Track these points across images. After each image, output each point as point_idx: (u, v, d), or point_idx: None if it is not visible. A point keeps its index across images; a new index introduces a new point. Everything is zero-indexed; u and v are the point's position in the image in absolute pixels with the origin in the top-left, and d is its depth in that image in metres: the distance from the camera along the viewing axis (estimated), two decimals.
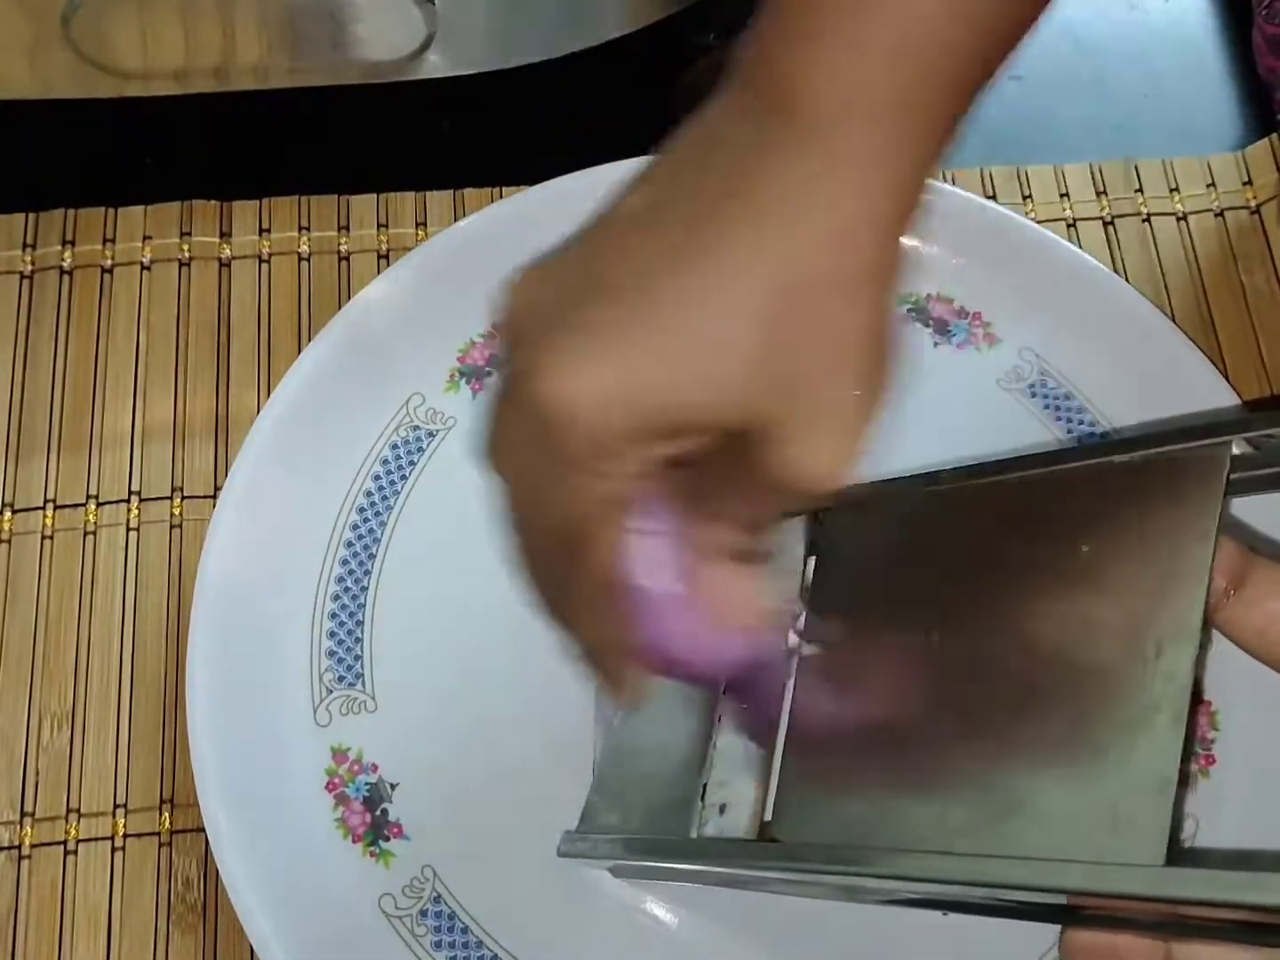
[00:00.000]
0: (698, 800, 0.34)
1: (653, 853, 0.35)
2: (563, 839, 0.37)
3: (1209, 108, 0.53)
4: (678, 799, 0.35)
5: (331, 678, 0.40)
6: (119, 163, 0.49)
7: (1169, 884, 0.23)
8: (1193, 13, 0.55)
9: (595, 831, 0.37)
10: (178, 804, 0.40)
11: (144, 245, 0.47)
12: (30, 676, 0.41)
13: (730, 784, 0.34)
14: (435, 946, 0.38)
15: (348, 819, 0.39)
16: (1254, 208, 0.50)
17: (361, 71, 0.47)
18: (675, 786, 0.35)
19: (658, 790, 0.36)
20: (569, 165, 0.45)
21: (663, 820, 0.35)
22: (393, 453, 0.43)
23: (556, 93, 0.50)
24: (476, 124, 0.51)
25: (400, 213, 0.48)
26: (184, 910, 0.39)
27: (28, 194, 0.48)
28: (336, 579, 0.41)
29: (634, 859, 0.36)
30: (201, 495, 0.44)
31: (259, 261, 0.47)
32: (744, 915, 0.38)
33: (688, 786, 0.35)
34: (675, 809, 0.35)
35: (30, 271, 0.47)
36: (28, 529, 0.43)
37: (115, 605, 0.42)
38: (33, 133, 0.48)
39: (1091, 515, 0.30)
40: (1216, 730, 0.41)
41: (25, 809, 0.40)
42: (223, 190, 0.48)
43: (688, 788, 0.35)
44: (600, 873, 0.38)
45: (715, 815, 0.34)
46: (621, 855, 0.36)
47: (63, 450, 0.44)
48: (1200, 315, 0.48)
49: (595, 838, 0.36)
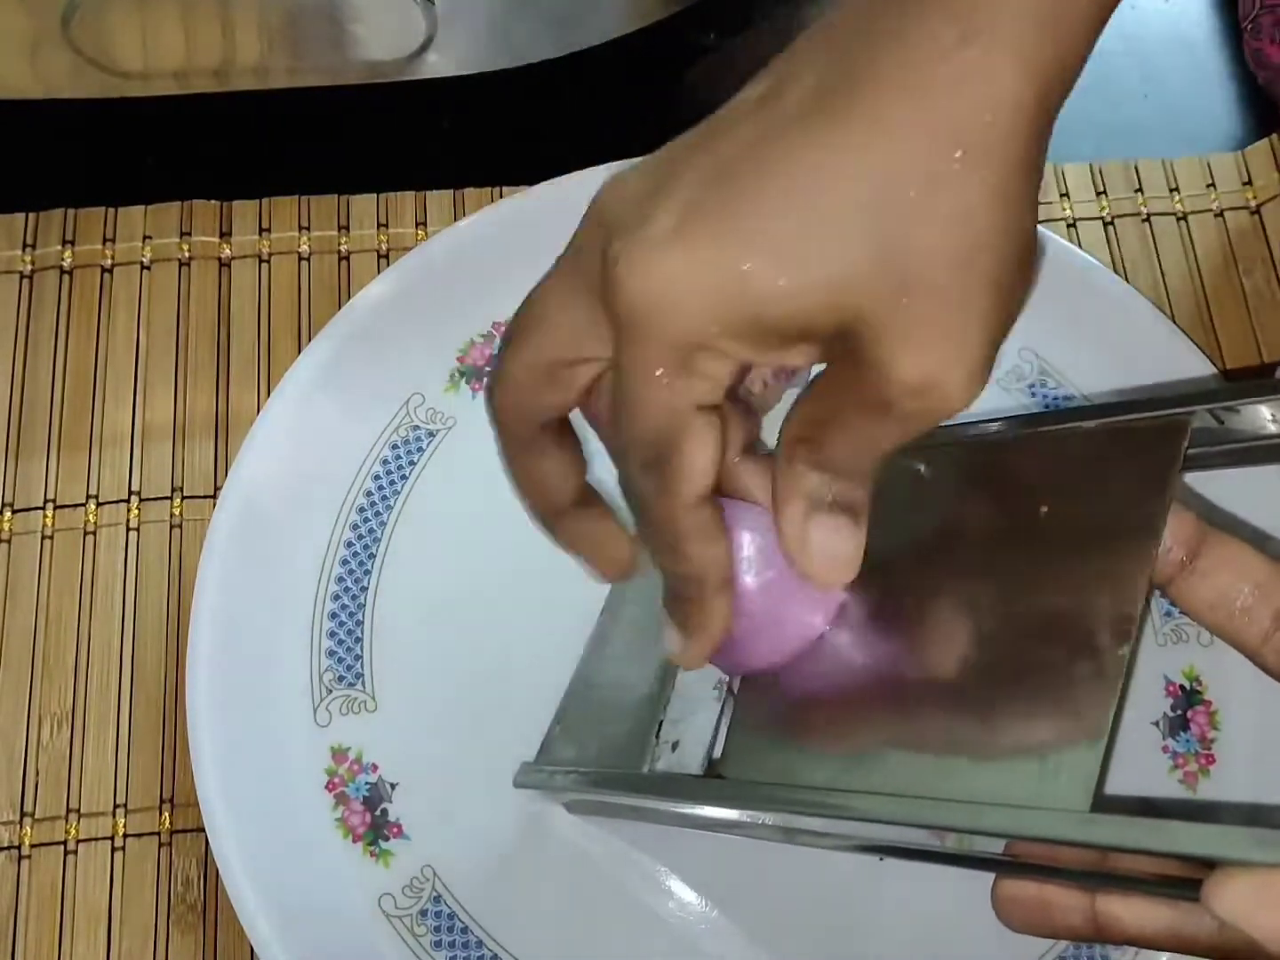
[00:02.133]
0: (653, 737, 0.34)
1: (603, 785, 0.35)
2: (519, 770, 0.38)
3: (1209, 108, 0.53)
4: (634, 735, 0.35)
5: (331, 678, 0.40)
6: (119, 163, 0.49)
7: (1087, 830, 0.24)
8: (1192, 13, 0.55)
9: (552, 764, 0.37)
10: (178, 804, 0.40)
11: (144, 245, 0.47)
12: (30, 676, 0.41)
13: (684, 721, 0.34)
14: (435, 946, 0.38)
15: (348, 819, 0.39)
16: (1254, 208, 0.50)
17: (361, 71, 0.47)
18: (633, 722, 0.35)
19: (616, 725, 0.37)
20: (569, 165, 0.45)
21: (618, 755, 0.35)
22: (392, 453, 0.43)
23: (556, 93, 0.50)
24: (476, 124, 0.51)
25: (400, 213, 0.48)
26: (184, 910, 0.39)
27: (28, 194, 0.48)
28: (336, 579, 0.41)
29: (585, 792, 0.36)
30: (201, 495, 0.44)
31: (259, 261, 0.47)
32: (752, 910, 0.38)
33: (645, 723, 0.35)
34: (630, 745, 0.35)
35: (30, 271, 0.47)
36: (28, 529, 0.43)
37: (115, 605, 0.42)
38: (33, 133, 0.48)
39: (1054, 479, 0.31)
40: (1216, 730, 0.41)
41: (25, 809, 0.40)
42: (223, 190, 0.48)
43: (645, 724, 0.35)
44: (600, 873, 0.38)
45: (668, 752, 0.34)
46: (573, 788, 0.36)
47: (63, 450, 0.44)
48: (1200, 315, 0.48)
49: (550, 769, 0.37)
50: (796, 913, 0.39)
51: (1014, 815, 0.25)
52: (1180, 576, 0.29)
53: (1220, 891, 0.22)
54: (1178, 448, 0.28)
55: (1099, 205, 0.50)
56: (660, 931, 0.38)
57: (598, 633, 0.40)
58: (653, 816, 0.37)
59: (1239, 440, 0.30)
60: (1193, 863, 0.23)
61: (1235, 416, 0.29)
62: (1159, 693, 0.42)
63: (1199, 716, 0.41)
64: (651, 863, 0.39)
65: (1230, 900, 0.22)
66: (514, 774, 0.38)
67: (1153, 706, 0.42)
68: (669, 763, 0.34)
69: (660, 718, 0.35)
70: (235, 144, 0.50)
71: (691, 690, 0.35)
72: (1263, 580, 0.28)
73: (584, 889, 0.39)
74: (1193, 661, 0.42)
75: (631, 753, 0.35)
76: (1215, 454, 0.30)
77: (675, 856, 0.39)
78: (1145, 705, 0.42)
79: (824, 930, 0.39)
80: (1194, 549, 0.29)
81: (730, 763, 0.32)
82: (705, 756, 0.34)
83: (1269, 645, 0.28)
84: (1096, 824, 0.23)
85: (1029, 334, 0.46)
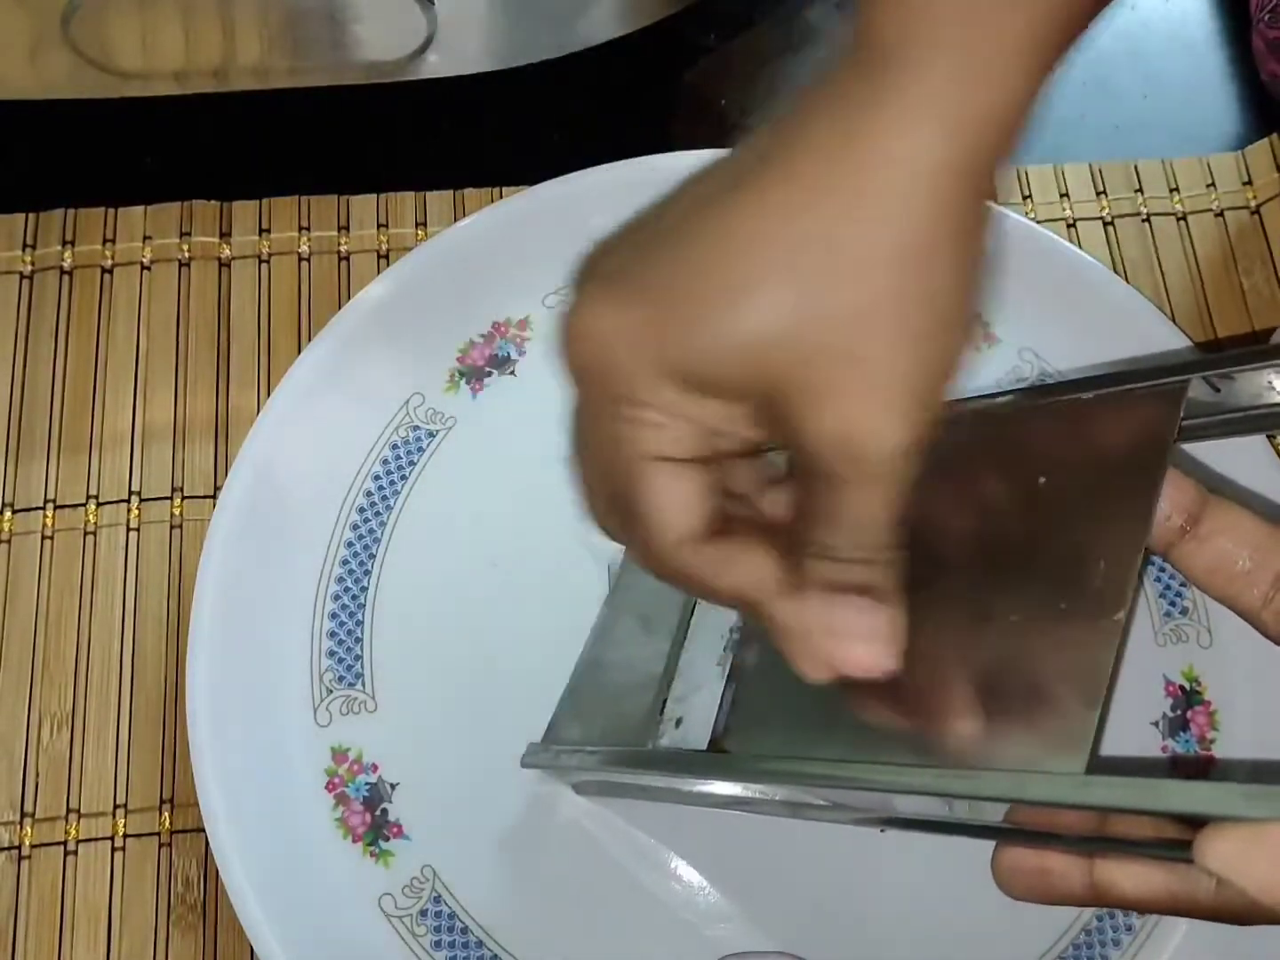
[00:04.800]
0: (657, 714, 0.35)
1: (608, 763, 0.35)
2: (526, 750, 0.38)
3: (1209, 108, 0.53)
4: (639, 713, 0.35)
5: (331, 678, 0.40)
6: (119, 163, 0.49)
7: (1082, 792, 0.24)
8: (1193, 13, 0.55)
9: (558, 743, 0.37)
10: (178, 804, 0.40)
11: (144, 245, 0.47)
12: (30, 677, 0.41)
13: (688, 699, 0.35)
14: (435, 946, 0.38)
15: (348, 819, 0.39)
16: (1254, 208, 0.50)
17: (361, 71, 0.47)
18: (638, 701, 0.36)
19: (621, 704, 0.37)
20: (569, 165, 0.45)
21: (623, 734, 0.36)
22: (392, 453, 0.43)
23: (556, 93, 0.50)
24: (476, 124, 0.51)
25: (400, 213, 0.48)
26: (184, 910, 0.39)
27: (28, 194, 0.48)
28: (336, 579, 0.41)
29: (592, 771, 0.37)
30: (201, 495, 0.44)
31: (259, 261, 0.47)
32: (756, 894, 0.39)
33: (650, 701, 0.35)
34: (636, 723, 0.35)
35: (30, 271, 0.47)
36: (28, 529, 0.43)
37: (115, 605, 0.42)
38: (33, 133, 0.48)
39: (1051, 450, 0.31)
40: (1216, 730, 0.41)
41: (25, 809, 0.40)
42: (223, 190, 0.48)
43: (650, 702, 0.35)
44: (600, 873, 0.38)
45: (671, 729, 0.35)
46: (580, 766, 0.37)
47: (63, 450, 0.44)
48: (1200, 315, 0.48)
49: (557, 748, 0.37)
50: (802, 898, 0.39)
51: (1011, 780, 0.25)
52: (1180, 542, 0.29)
53: (1211, 846, 0.22)
54: (1174, 416, 0.29)
55: (1099, 205, 0.50)
56: (660, 929, 0.38)
57: (602, 618, 0.40)
58: (659, 795, 0.37)
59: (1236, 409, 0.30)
60: (1187, 823, 0.24)
61: (1231, 385, 0.29)
62: (1159, 693, 0.42)
63: (1199, 716, 0.41)
64: (651, 859, 0.39)
65: (1221, 854, 0.22)
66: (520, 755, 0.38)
67: (1153, 706, 0.42)
68: (673, 739, 0.34)
69: (664, 695, 0.35)
70: (235, 144, 0.50)
71: (695, 668, 0.35)
72: (1261, 544, 0.29)
73: (584, 889, 0.39)
74: (1192, 661, 0.42)
75: (636, 730, 0.35)
76: (1212, 424, 0.30)
77: (679, 850, 0.39)
78: (1145, 705, 0.42)
79: (828, 914, 0.39)
80: (1194, 514, 0.29)
81: (734, 737, 0.32)
82: (709, 732, 0.34)
83: (1269, 609, 0.29)
84: (1092, 786, 0.24)
85: (1029, 335, 0.46)
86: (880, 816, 0.34)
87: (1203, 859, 0.22)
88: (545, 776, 0.39)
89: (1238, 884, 0.22)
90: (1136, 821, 0.26)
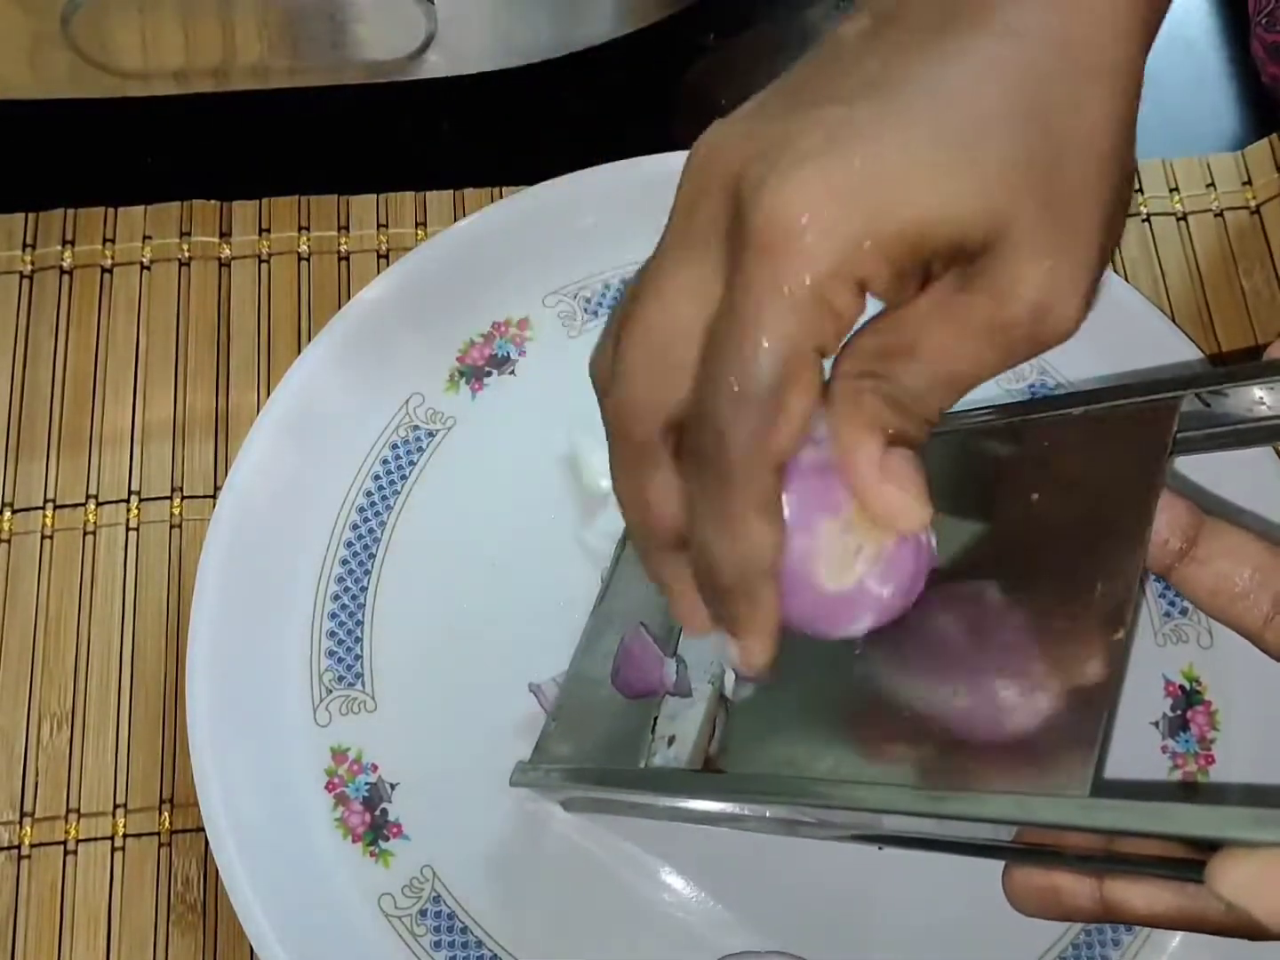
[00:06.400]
0: (648, 732, 0.34)
1: (599, 783, 0.35)
2: (515, 769, 0.38)
3: (1209, 108, 0.53)
4: (629, 731, 0.35)
5: (331, 678, 0.40)
6: (119, 163, 0.49)
7: (1089, 814, 0.24)
8: (1193, 14, 0.55)
9: (548, 762, 0.37)
10: (178, 804, 0.40)
11: (144, 245, 0.47)
12: (30, 676, 0.41)
13: (680, 717, 0.34)
14: (435, 946, 0.38)
15: (347, 819, 0.39)
16: (1254, 208, 0.50)
17: (361, 71, 0.47)
18: (628, 719, 0.35)
19: (611, 722, 0.37)
20: (569, 165, 0.46)
21: (613, 752, 0.36)
22: (392, 453, 0.43)
23: (556, 93, 0.50)
24: (476, 124, 0.51)
25: (400, 213, 0.48)
26: (184, 910, 0.39)
27: (28, 194, 0.48)
28: (336, 579, 0.41)
29: (582, 789, 0.36)
30: (201, 495, 0.44)
31: (259, 261, 0.47)
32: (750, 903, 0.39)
33: (640, 719, 0.35)
34: (626, 741, 0.35)
35: (30, 271, 0.47)
36: (28, 529, 0.43)
37: (115, 605, 0.42)
38: (33, 133, 0.48)
39: (1044, 466, 0.31)
40: (1216, 730, 0.41)
41: (25, 809, 0.40)
42: (223, 190, 0.48)
43: (639, 720, 0.35)
44: (599, 872, 0.38)
45: (663, 747, 0.34)
46: (570, 785, 0.36)
47: (63, 450, 0.44)
48: (1200, 315, 0.48)
49: (546, 768, 0.37)
50: (795, 906, 0.39)
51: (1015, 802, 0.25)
52: (1179, 564, 0.29)
53: (1224, 873, 0.22)
54: (1166, 432, 0.29)
55: None
56: (659, 928, 0.38)
57: (589, 630, 0.40)
58: (650, 812, 0.37)
59: (1227, 423, 0.30)
60: (1196, 845, 0.23)
61: (1223, 400, 0.29)
62: (1159, 693, 0.42)
63: (1199, 717, 0.41)
64: (649, 859, 0.39)
65: (1234, 882, 0.22)
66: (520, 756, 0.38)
67: (1152, 707, 0.42)
68: (665, 758, 0.34)
69: (655, 714, 0.35)
70: (235, 144, 0.50)
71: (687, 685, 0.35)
72: (1261, 565, 0.29)
73: (583, 888, 0.39)
74: (1192, 662, 0.42)
75: (627, 749, 0.35)
76: (1204, 437, 0.30)
77: (673, 852, 0.39)
78: (1145, 705, 0.42)
79: (822, 921, 0.39)
80: (1191, 536, 0.29)
81: (727, 756, 0.32)
82: (701, 751, 0.34)
83: (1270, 629, 0.28)
84: (1098, 808, 0.24)
85: None
86: (877, 834, 0.34)
87: (1215, 886, 0.22)
88: (534, 795, 0.38)
89: (1250, 911, 0.22)
90: (1144, 841, 0.26)
